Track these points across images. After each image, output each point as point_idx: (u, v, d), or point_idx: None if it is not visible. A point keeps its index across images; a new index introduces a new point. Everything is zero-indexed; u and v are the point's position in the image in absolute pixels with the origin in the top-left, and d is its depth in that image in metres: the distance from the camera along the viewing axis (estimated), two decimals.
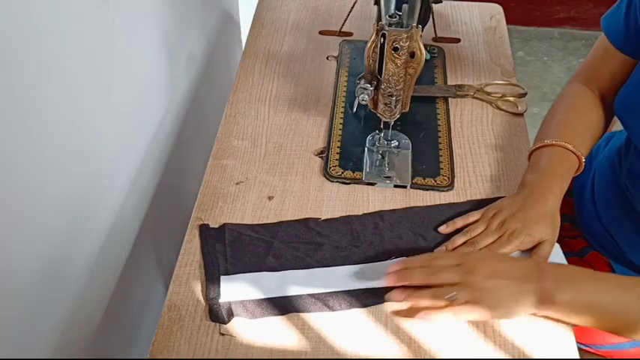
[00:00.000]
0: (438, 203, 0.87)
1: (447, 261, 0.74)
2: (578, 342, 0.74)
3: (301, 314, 0.74)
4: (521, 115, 1.02)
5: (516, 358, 0.71)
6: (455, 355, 0.71)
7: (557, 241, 0.81)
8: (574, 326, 0.73)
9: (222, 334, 0.72)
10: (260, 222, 0.84)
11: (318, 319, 0.74)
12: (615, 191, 0.93)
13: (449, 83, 1.08)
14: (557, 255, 0.80)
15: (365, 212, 0.85)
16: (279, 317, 0.74)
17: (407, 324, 0.73)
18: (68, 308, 0.77)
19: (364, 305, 0.75)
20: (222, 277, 0.76)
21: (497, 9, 1.26)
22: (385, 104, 0.85)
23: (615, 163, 0.95)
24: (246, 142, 0.96)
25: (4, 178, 0.60)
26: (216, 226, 0.83)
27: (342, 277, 0.77)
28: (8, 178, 0.61)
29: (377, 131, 0.94)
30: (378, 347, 0.71)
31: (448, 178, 0.90)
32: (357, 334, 0.73)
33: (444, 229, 0.82)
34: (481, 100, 1.04)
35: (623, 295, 0.70)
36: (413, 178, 0.90)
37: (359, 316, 0.74)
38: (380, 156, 0.92)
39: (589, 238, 0.99)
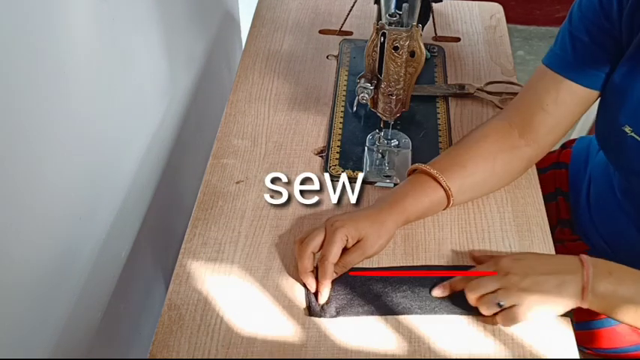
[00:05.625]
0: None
1: (482, 270, 0.75)
2: (580, 345, 0.74)
3: (302, 313, 0.74)
4: None
5: (516, 358, 0.71)
6: (455, 355, 0.71)
7: (558, 244, 0.81)
8: (575, 330, 0.73)
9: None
10: (260, 221, 0.84)
11: (317, 318, 0.74)
12: (614, 202, 0.91)
13: (449, 82, 1.08)
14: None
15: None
16: (280, 317, 0.74)
17: (407, 324, 0.73)
18: (68, 308, 0.77)
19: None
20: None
21: (498, 8, 1.26)
22: (385, 103, 0.85)
23: (611, 172, 0.92)
24: (246, 142, 0.96)
25: (4, 178, 0.60)
26: (217, 225, 0.83)
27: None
28: (7, 178, 0.61)
29: (377, 130, 0.94)
30: (378, 347, 0.71)
31: None
32: (357, 334, 0.72)
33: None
34: (481, 99, 1.04)
35: None
36: None
37: (359, 316, 0.74)
38: (380, 155, 0.92)
39: (590, 246, 0.98)
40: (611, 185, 0.91)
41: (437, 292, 0.75)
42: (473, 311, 0.74)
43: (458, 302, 0.75)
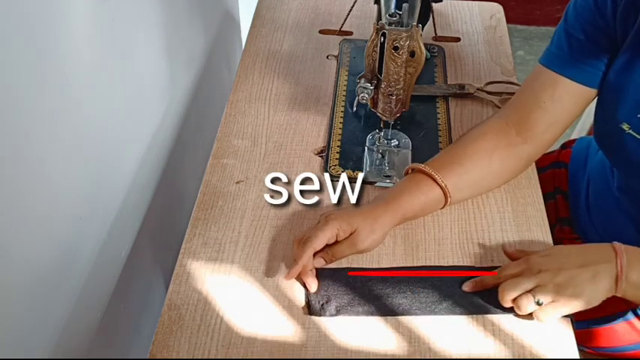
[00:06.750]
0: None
1: (513, 269, 0.74)
2: (579, 344, 0.74)
3: (302, 313, 0.74)
4: None
5: (516, 358, 0.71)
6: (455, 355, 0.71)
7: (558, 244, 0.80)
8: (575, 329, 0.73)
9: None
10: (260, 221, 0.84)
11: (317, 318, 0.74)
12: (612, 203, 0.91)
13: (449, 82, 1.08)
14: None
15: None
16: (280, 317, 0.74)
17: (407, 324, 0.73)
18: (68, 308, 0.77)
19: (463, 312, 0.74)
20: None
21: (498, 8, 1.26)
22: (385, 103, 0.85)
23: (608, 172, 0.92)
24: (246, 142, 0.96)
25: (4, 178, 0.60)
26: (217, 225, 0.83)
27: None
28: (7, 179, 0.61)
29: (377, 130, 0.94)
30: (378, 347, 0.71)
31: None
32: (357, 334, 0.72)
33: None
34: (481, 99, 1.04)
35: None
36: None
37: (359, 316, 0.74)
38: (380, 155, 0.92)
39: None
40: (609, 185, 0.91)
41: (467, 287, 0.76)
42: (473, 312, 0.74)
43: (458, 303, 0.75)
